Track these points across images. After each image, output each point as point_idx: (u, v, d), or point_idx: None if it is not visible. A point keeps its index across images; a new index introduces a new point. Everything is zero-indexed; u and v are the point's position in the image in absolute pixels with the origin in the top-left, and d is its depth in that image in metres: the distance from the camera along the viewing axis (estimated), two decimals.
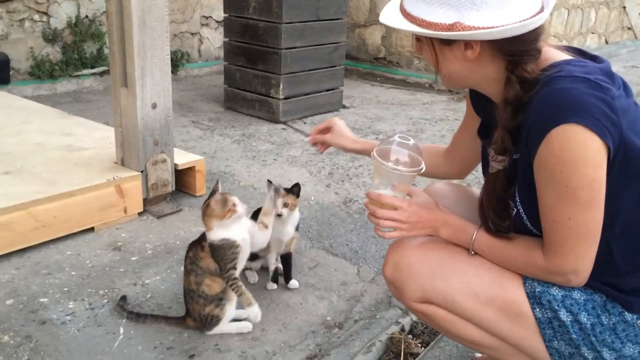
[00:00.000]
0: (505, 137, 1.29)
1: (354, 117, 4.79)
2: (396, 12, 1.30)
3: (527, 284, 1.34)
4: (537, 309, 1.33)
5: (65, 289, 2.19)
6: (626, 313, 1.29)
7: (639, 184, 1.21)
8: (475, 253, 1.40)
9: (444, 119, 4.77)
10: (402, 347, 1.96)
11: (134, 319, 1.99)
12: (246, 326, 1.99)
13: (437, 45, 1.29)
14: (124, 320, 2.01)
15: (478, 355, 1.82)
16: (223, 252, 1.86)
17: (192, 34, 6.26)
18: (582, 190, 1.16)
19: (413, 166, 1.40)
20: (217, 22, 6.39)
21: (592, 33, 8.80)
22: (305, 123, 4.59)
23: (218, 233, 1.87)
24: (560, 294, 1.31)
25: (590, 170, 1.15)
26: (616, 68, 7.80)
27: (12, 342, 1.88)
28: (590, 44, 8.77)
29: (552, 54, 1.28)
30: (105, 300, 2.13)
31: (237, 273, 1.88)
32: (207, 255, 1.89)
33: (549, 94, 1.17)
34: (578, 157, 1.14)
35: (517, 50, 1.23)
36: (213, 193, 1.88)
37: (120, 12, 2.59)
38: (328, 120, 1.90)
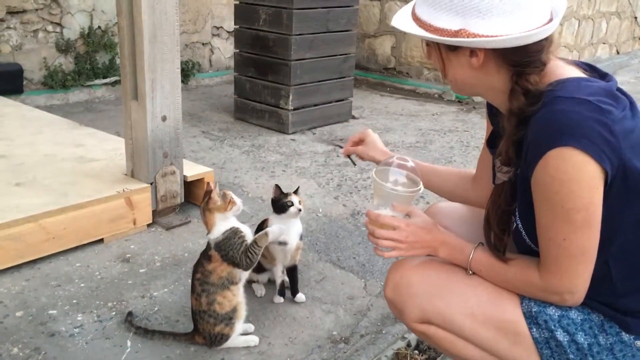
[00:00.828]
0: (509, 148, 1.29)
1: (363, 128, 4.79)
2: (408, 17, 1.32)
3: (524, 304, 1.35)
4: (534, 329, 1.33)
5: (74, 301, 2.21)
6: (623, 333, 1.29)
7: (638, 206, 1.21)
8: (473, 273, 1.41)
9: (453, 130, 4.77)
10: None
11: (142, 335, 2.00)
12: (252, 340, 2.00)
13: (443, 51, 1.31)
14: (132, 333, 2.03)
15: None
16: (231, 242, 1.88)
17: (203, 44, 6.31)
18: (577, 212, 1.17)
19: (411, 187, 1.43)
20: (227, 32, 6.44)
21: (603, 43, 8.77)
22: (314, 134, 4.61)
23: (220, 227, 1.90)
24: (557, 314, 1.31)
25: (585, 194, 1.15)
26: (627, 78, 7.78)
27: (21, 354, 1.90)
28: (601, 55, 8.74)
29: (561, 69, 1.27)
30: (114, 313, 2.15)
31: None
32: (216, 265, 1.90)
33: (548, 115, 1.18)
34: (574, 180, 1.15)
35: (521, 60, 1.24)
36: (207, 193, 1.91)
37: (132, 27, 2.63)
38: (362, 132, 1.90)
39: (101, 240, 2.65)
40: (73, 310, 2.15)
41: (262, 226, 2.29)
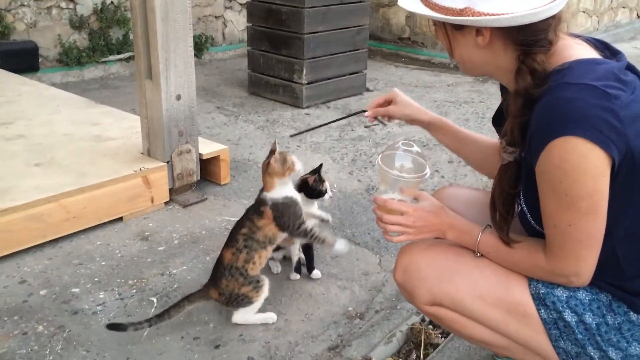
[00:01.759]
0: (514, 128, 1.28)
1: (389, 89, 4.77)
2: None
3: (531, 286, 1.36)
4: (542, 310, 1.34)
5: (96, 279, 2.27)
6: (631, 313, 1.30)
7: None
8: (481, 255, 1.42)
9: (468, 102, 4.73)
10: (423, 337, 1.99)
11: (160, 321, 1.94)
12: (270, 317, 2.05)
13: (449, 30, 1.30)
14: (153, 310, 2.08)
15: None
16: (290, 210, 1.95)
17: (215, 17, 6.28)
18: (582, 200, 1.17)
19: (417, 172, 1.43)
20: (240, 4, 6.40)
21: (623, 7, 8.58)
22: (328, 107, 4.60)
23: (280, 191, 1.98)
24: (564, 295, 1.32)
25: (590, 182, 1.15)
26: None
27: (46, 332, 1.97)
28: (621, 19, 8.55)
29: (569, 50, 1.25)
30: (134, 291, 2.20)
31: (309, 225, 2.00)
32: (267, 222, 1.96)
33: (553, 103, 1.17)
34: (578, 169, 1.14)
35: (527, 39, 1.22)
36: (272, 153, 1.96)
37: (144, 6, 2.63)
38: (389, 93, 1.76)
39: (120, 219, 2.70)
40: (95, 288, 2.21)
41: None
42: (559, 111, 1.15)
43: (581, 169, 1.14)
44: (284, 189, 1.99)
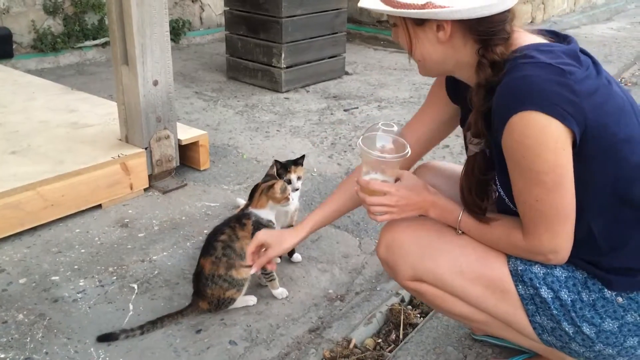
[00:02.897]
0: (478, 120, 1.33)
1: (357, 84, 4.79)
2: None
3: (510, 262, 1.40)
4: (520, 286, 1.39)
5: (76, 267, 2.26)
6: (605, 290, 1.34)
7: (612, 164, 1.24)
8: (463, 232, 1.46)
9: None
10: (402, 317, 2.02)
11: (153, 328, 1.92)
12: (251, 299, 2.07)
13: (410, 27, 1.32)
14: (133, 296, 2.09)
15: None
16: None
17: (192, 1, 6.21)
18: (545, 175, 1.20)
19: (398, 151, 1.44)
20: None
21: None
22: (308, 91, 4.60)
23: (267, 213, 2.03)
24: (541, 272, 1.37)
25: (551, 156, 1.19)
26: (622, 24, 7.70)
27: (26, 320, 1.97)
28: (597, 1, 8.62)
29: (523, 38, 1.30)
30: (115, 277, 2.20)
31: None
32: (246, 235, 1.97)
33: (509, 82, 1.21)
34: (538, 143, 1.18)
35: (486, 30, 1.26)
36: (270, 176, 2.07)
37: None
38: (255, 238, 1.75)
39: (99, 206, 2.69)
40: (75, 276, 2.21)
41: (255, 190, 2.32)
42: (516, 89, 1.19)
43: (541, 142, 1.18)
44: (270, 213, 2.04)
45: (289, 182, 2.18)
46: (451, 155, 3.32)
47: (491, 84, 1.27)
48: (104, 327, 1.93)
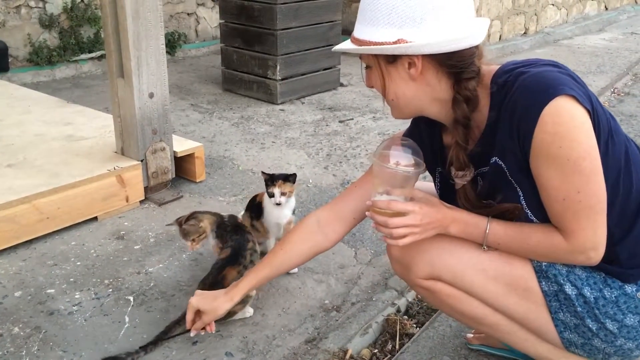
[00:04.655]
0: (459, 153, 1.38)
1: (352, 96, 4.82)
2: (348, 42, 1.40)
3: (533, 259, 1.41)
4: (544, 283, 1.40)
5: (72, 280, 2.26)
6: (626, 286, 1.36)
7: (613, 149, 1.30)
8: (488, 247, 1.42)
9: None
10: (398, 327, 2.03)
11: (154, 347, 1.89)
12: (247, 311, 2.06)
13: (383, 66, 1.36)
14: (129, 309, 2.08)
15: (470, 335, 1.89)
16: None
17: (188, 14, 6.25)
18: (583, 160, 1.22)
19: (416, 166, 1.38)
20: (213, 1, 6.37)
21: (592, 0, 8.72)
22: (303, 103, 4.62)
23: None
24: (564, 269, 1.39)
25: (584, 138, 1.22)
26: (615, 35, 7.77)
27: (22, 333, 1.96)
28: (590, 11, 8.70)
29: (493, 68, 1.37)
30: (110, 290, 2.20)
31: None
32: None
33: (525, 84, 1.26)
34: (571, 128, 1.21)
35: (457, 64, 1.31)
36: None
37: (114, 4, 2.62)
38: (190, 306, 1.75)
39: (95, 219, 2.69)
40: (70, 289, 2.20)
41: (253, 201, 2.34)
42: (536, 85, 1.24)
43: (575, 126, 1.22)
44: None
45: (272, 195, 2.17)
46: None
47: (469, 121, 1.33)
48: (100, 339, 1.93)
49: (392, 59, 1.34)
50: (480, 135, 1.38)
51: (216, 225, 2.12)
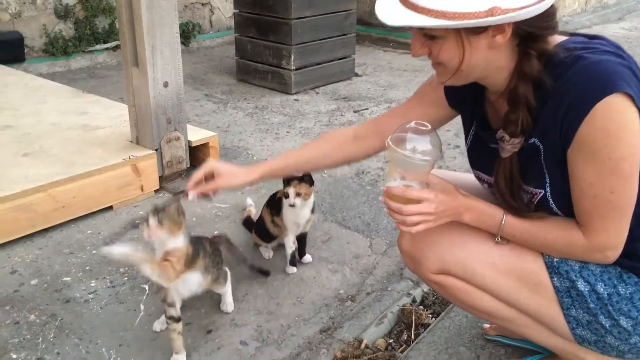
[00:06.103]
0: (524, 117, 1.26)
1: (367, 85, 4.79)
2: (400, 8, 1.22)
3: (545, 255, 1.37)
4: (555, 278, 1.36)
5: (87, 268, 2.27)
6: None
7: None
8: (502, 239, 1.39)
9: None
10: (413, 318, 2.01)
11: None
12: (228, 302, 2.02)
13: (465, 38, 1.20)
14: (144, 297, 2.09)
15: (487, 325, 1.87)
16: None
17: (202, 4, 6.24)
18: (624, 161, 1.17)
19: (433, 152, 1.29)
20: None
21: None
22: (317, 93, 4.59)
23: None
24: (577, 265, 1.34)
25: (630, 140, 1.16)
26: (635, 24, 7.65)
27: (38, 320, 1.97)
28: (609, 1, 8.57)
29: (556, 36, 1.28)
30: (126, 278, 2.20)
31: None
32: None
33: (583, 71, 1.18)
34: (622, 127, 1.16)
35: (546, 24, 1.21)
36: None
37: None
38: (206, 166, 1.67)
39: (110, 208, 2.69)
40: (86, 277, 2.21)
41: (274, 197, 2.29)
42: (596, 74, 1.16)
43: (625, 127, 1.16)
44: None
45: (287, 196, 2.11)
46: (462, 155, 3.30)
47: (537, 78, 1.22)
48: (116, 327, 1.94)
49: (481, 30, 1.18)
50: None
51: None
